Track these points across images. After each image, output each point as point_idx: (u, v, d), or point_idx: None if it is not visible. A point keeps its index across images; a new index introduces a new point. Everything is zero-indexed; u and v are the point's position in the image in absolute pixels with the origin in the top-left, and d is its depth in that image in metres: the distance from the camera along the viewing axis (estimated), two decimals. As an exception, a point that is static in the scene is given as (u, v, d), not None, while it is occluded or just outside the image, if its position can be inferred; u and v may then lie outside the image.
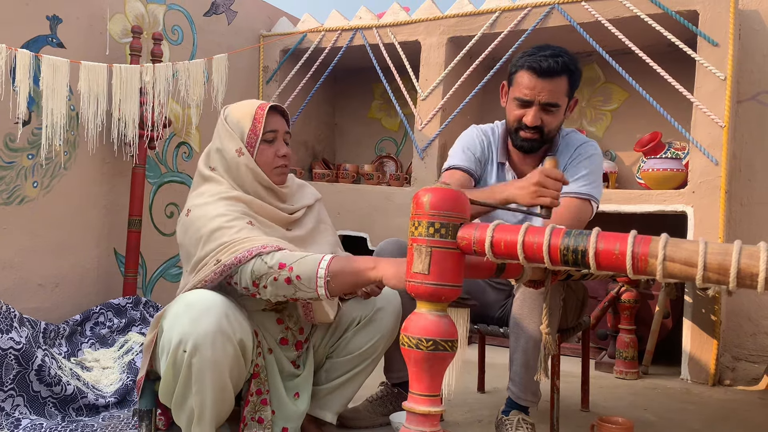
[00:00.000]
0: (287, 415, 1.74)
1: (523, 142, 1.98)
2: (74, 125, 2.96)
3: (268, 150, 1.76)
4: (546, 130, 1.95)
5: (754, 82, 3.24)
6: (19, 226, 2.76)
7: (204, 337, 1.48)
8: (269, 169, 1.76)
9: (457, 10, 3.53)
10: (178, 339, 1.50)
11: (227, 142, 1.76)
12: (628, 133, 3.59)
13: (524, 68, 1.92)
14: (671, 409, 2.46)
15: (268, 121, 1.76)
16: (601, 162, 2.04)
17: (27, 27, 2.77)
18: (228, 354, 1.52)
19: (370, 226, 3.63)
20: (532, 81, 1.90)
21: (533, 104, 1.92)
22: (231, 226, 1.61)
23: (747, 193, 3.24)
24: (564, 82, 1.91)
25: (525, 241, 1.11)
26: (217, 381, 1.53)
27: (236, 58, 3.68)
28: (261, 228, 1.69)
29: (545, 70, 1.87)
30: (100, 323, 2.74)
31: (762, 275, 0.93)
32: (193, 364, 1.50)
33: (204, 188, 1.76)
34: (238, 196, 1.71)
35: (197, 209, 1.68)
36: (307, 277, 1.52)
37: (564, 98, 1.94)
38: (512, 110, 1.98)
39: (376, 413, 2.07)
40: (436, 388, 1.19)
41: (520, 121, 1.95)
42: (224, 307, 1.54)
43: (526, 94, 1.91)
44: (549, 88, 1.89)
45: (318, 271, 1.51)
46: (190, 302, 1.54)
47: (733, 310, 3.20)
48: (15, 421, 1.92)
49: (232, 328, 1.53)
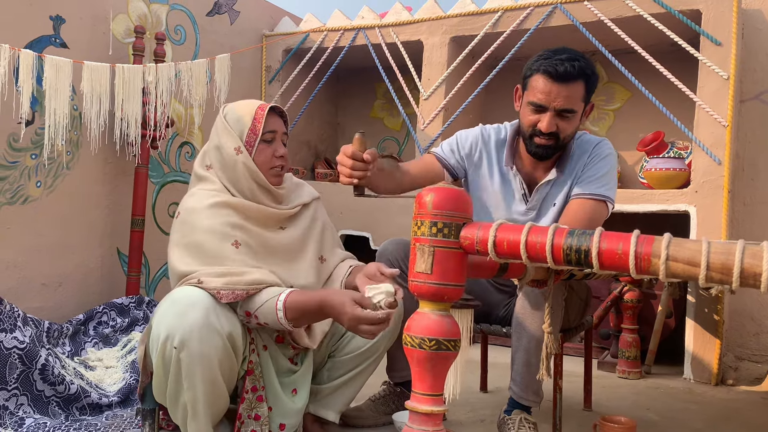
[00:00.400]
0: (284, 412, 1.74)
1: (538, 149, 1.91)
2: (77, 125, 2.97)
3: (266, 150, 1.76)
4: (561, 137, 1.88)
5: (757, 82, 3.23)
6: (22, 226, 2.76)
7: (191, 332, 1.49)
8: (266, 168, 1.77)
9: (459, 9, 3.53)
10: (165, 335, 1.51)
11: (226, 139, 1.76)
12: (630, 132, 3.58)
13: (539, 72, 1.84)
14: (674, 409, 2.46)
15: (267, 121, 1.77)
16: (615, 162, 2.01)
17: (30, 27, 2.78)
18: (216, 347, 1.52)
19: (372, 225, 3.63)
20: (547, 86, 1.82)
21: (548, 110, 1.84)
22: (211, 253, 1.65)
23: (750, 192, 3.23)
24: (581, 87, 1.85)
25: (528, 241, 1.11)
26: (208, 375, 1.53)
27: (239, 58, 3.69)
28: (248, 244, 1.69)
29: (561, 75, 1.80)
30: (104, 323, 2.75)
31: (765, 275, 0.93)
32: (182, 360, 1.50)
33: (196, 188, 1.78)
34: (226, 201, 1.72)
35: (186, 213, 1.71)
36: (272, 322, 1.60)
37: (580, 104, 1.87)
38: (526, 115, 1.91)
39: (378, 412, 2.08)
40: (438, 388, 1.20)
41: (534, 127, 1.88)
42: (210, 302, 1.54)
43: (541, 99, 1.84)
44: (565, 94, 1.82)
45: (279, 321, 1.59)
46: (176, 299, 1.55)
47: (736, 310, 3.20)
48: (19, 420, 1.92)
49: (219, 322, 1.54)
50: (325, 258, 1.90)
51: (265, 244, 1.74)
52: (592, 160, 1.97)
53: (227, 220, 1.69)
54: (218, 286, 1.57)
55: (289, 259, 1.79)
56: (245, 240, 1.69)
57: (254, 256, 1.70)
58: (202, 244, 1.65)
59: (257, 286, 1.60)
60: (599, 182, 1.93)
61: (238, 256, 1.65)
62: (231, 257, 1.65)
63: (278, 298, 1.58)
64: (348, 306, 1.53)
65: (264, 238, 1.75)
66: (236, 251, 1.66)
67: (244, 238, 1.69)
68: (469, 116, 3.70)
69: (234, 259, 1.65)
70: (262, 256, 1.72)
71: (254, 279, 1.61)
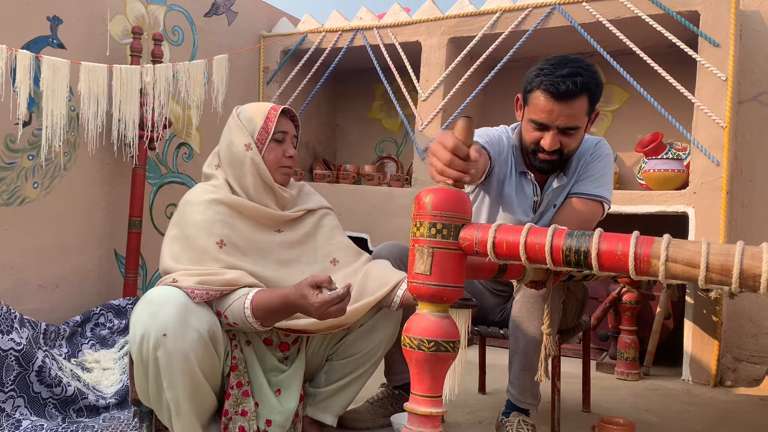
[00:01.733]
0: (271, 408, 1.73)
1: (542, 164, 1.87)
2: (74, 126, 2.96)
3: (276, 149, 1.80)
4: (566, 152, 1.85)
5: (755, 83, 3.24)
6: (19, 227, 2.75)
7: (164, 328, 1.49)
8: (275, 167, 1.80)
9: (457, 10, 3.53)
10: (140, 334, 1.50)
11: (237, 136, 1.79)
12: (629, 133, 3.58)
13: (540, 89, 1.77)
14: (672, 410, 2.45)
15: (279, 121, 1.81)
16: (612, 162, 2.00)
17: (27, 28, 2.77)
18: (192, 342, 1.52)
19: (371, 226, 3.63)
20: (548, 104, 1.76)
21: (551, 128, 1.79)
22: (195, 249, 1.66)
23: (748, 193, 3.23)
24: (584, 102, 1.78)
25: (527, 242, 1.11)
26: (187, 371, 1.52)
27: (237, 59, 3.68)
28: (235, 244, 1.70)
29: (563, 94, 1.73)
30: (101, 324, 2.74)
31: (765, 276, 0.92)
32: (159, 358, 1.50)
33: (198, 183, 1.83)
34: (221, 198, 1.73)
35: (182, 205, 1.76)
36: (241, 321, 1.61)
37: (584, 118, 1.82)
38: (529, 131, 1.86)
39: (377, 414, 2.07)
40: (437, 389, 1.19)
41: (537, 143, 1.84)
42: (185, 299, 1.54)
43: (543, 118, 1.78)
44: (567, 112, 1.76)
45: (247, 319, 1.59)
46: (150, 298, 1.55)
47: (735, 311, 3.19)
48: (15, 422, 1.92)
49: (194, 318, 1.54)
50: (338, 260, 1.87)
51: (255, 244, 1.74)
52: (591, 159, 1.96)
53: (217, 218, 1.70)
54: (192, 285, 1.58)
55: (282, 261, 1.78)
56: (232, 239, 1.70)
57: (241, 256, 1.70)
58: (189, 237, 1.68)
59: (231, 287, 1.61)
60: (596, 182, 1.93)
61: (220, 255, 1.67)
62: (213, 255, 1.66)
63: (246, 297, 1.59)
64: (311, 297, 1.53)
65: (256, 238, 1.75)
66: (219, 250, 1.67)
67: (231, 238, 1.70)
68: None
69: (216, 258, 1.66)
70: (252, 256, 1.73)
71: (228, 279, 1.62)
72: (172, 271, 1.64)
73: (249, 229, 1.75)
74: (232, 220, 1.73)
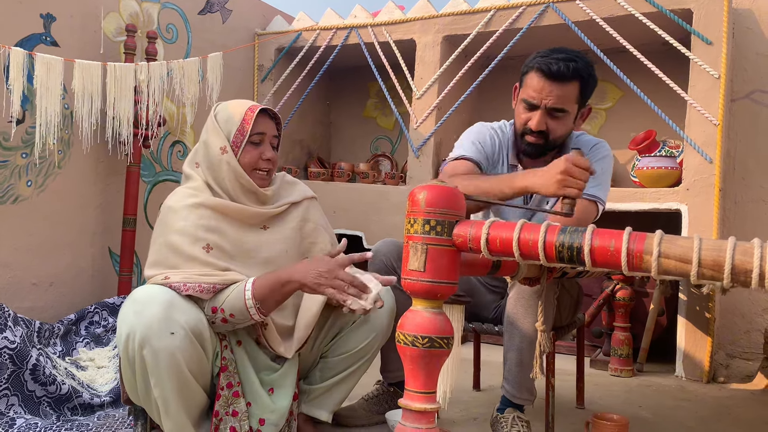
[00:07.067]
0: (264, 407, 1.73)
1: (528, 147, 1.92)
2: (68, 124, 2.95)
3: (253, 151, 1.75)
4: (551, 137, 1.88)
5: (748, 81, 3.25)
6: (13, 225, 2.75)
7: (150, 327, 1.49)
8: (251, 170, 1.76)
9: (451, 8, 3.53)
10: (126, 334, 1.50)
11: (213, 138, 1.76)
12: (622, 131, 3.60)
13: (534, 69, 1.84)
14: (666, 407, 2.47)
15: (257, 123, 1.75)
16: (611, 163, 2.01)
17: (20, 25, 2.76)
18: (178, 340, 1.51)
19: (366, 224, 3.63)
20: (540, 83, 1.82)
21: (539, 108, 1.84)
22: (182, 255, 1.65)
23: (741, 191, 3.25)
24: (574, 88, 1.83)
25: (521, 238, 1.11)
26: (174, 369, 1.52)
27: (231, 57, 3.67)
28: (221, 247, 1.69)
29: (554, 74, 1.80)
30: (95, 322, 2.73)
31: (756, 271, 0.93)
32: (145, 356, 1.49)
33: (179, 187, 1.80)
34: (203, 201, 1.71)
35: (164, 212, 1.74)
36: (239, 312, 1.61)
37: (573, 105, 1.86)
38: (520, 113, 1.91)
39: (371, 411, 2.07)
40: (431, 385, 1.19)
41: (526, 124, 1.89)
42: (169, 297, 1.54)
43: (533, 97, 1.84)
44: (557, 93, 1.81)
45: (246, 303, 1.60)
46: (135, 297, 1.55)
47: (727, 308, 3.21)
48: (10, 421, 1.91)
49: (180, 314, 1.53)
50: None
51: (242, 245, 1.73)
52: (590, 159, 1.96)
53: (201, 222, 1.68)
54: (183, 279, 1.58)
55: (269, 259, 1.76)
56: (218, 243, 1.69)
57: (228, 259, 1.69)
58: (173, 244, 1.66)
59: (224, 284, 1.62)
60: (593, 182, 1.93)
61: (209, 258, 1.66)
62: (202, 260, 1.64)
63: (246, 283, 1.62)
64: (316, 262, 1.63)
65: (242, 239, 1.73)
66: (206, 255, 1.66)
67: (216, 241, 1.68)
68: (462, 115, 3.71)
69: (204, 262, 1.64)
70: (238, 258, 1.71)
71: (222, 276, 1.63)
72: (155, 275, 1.64)
73: (234, 229, 1.73)
74: (217, 223, 1.71)
